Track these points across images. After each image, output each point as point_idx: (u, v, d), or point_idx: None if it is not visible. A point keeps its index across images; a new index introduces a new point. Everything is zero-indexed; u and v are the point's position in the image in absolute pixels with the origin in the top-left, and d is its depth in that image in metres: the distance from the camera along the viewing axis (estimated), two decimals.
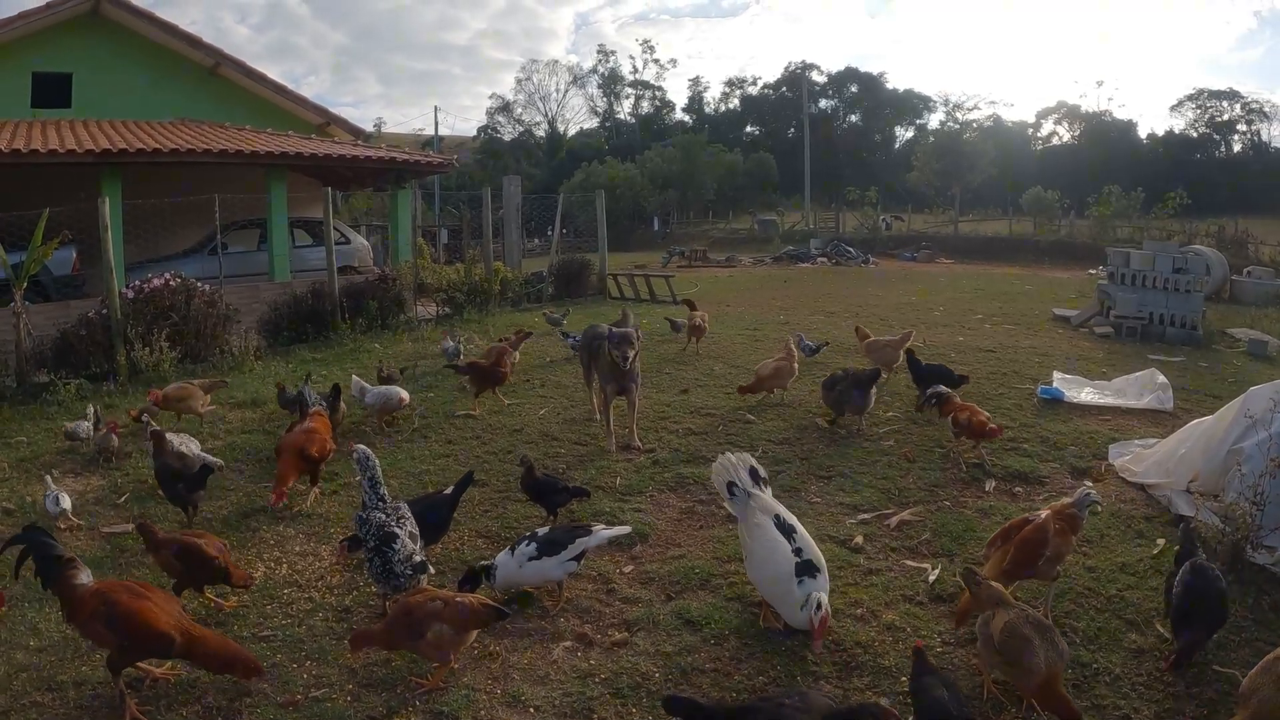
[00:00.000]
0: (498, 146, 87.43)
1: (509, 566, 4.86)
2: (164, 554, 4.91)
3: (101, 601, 4.12)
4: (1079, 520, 4.97)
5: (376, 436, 8.37)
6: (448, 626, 4.18)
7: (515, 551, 4.91)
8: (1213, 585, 4.33)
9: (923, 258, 37.38)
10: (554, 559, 4.90)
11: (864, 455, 7.64)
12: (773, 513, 4.83)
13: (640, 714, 4.05)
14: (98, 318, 11.20)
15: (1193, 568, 4.42)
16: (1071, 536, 4.92)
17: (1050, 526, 4.79)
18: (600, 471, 7.22)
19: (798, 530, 4.73)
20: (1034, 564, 4.74)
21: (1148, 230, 34.07)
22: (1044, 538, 4.74)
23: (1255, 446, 5.80)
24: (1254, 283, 21.52)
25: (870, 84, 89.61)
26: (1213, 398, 9.26)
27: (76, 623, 4.19)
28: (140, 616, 4.06)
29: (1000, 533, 5.07)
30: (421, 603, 4.27)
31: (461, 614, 4.21)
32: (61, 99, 19.02)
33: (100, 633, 4.11)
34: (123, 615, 4.06)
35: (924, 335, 13.51)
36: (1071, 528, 4.90)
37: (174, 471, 6.31)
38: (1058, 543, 4.76)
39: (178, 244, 17.51)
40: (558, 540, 4.96)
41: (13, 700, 4.18)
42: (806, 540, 4.69)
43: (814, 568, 4.50)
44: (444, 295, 16.37)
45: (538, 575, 4.92)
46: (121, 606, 4.09)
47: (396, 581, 4.71)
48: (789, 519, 4.81)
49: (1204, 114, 77.54)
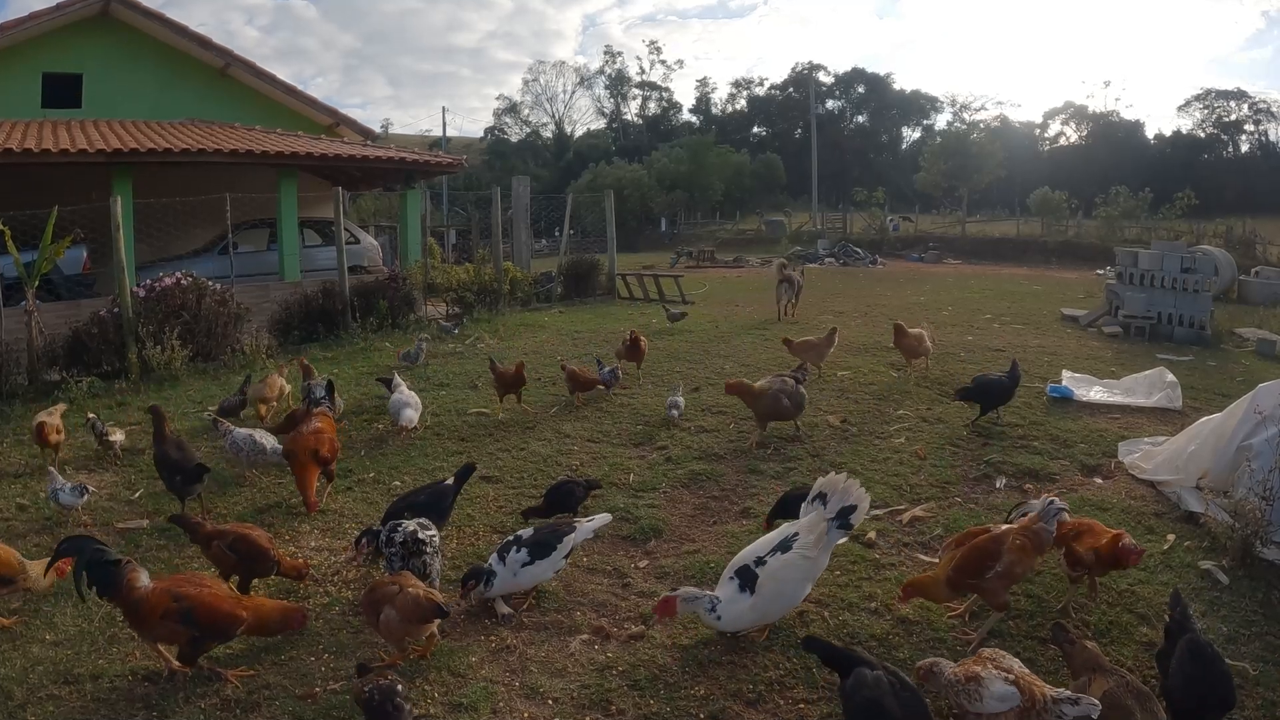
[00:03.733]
0: (505, 147, 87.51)
1: (504, 575, 4.80)
2: (216, 547, 4.92)
3: (173, 599, 4.16)
4: (1044, 538, 4.63)
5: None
6: (395, 613, 4.24)
7: (507, 560, 4.83)
8: (1217, 668, 3.71)
9: (930, 258, 37.33)
10: (547, 561, 4.91)
11: (875, 453, 7.66)
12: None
13: (658, 705, 4.07)
14: (109, 316, 11.26)
15: (1191, 651, 3.74)
16: (1034, 557, 4.65)
17: (1008, 540, 4.53)
18: (613, 468, 7.25)
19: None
20: (979, 574, 4.46)
21: (1156, 231, 34.00)
22: (997, 549, 4.49)
23: (1265, 443, 5.81)
24: (1262, 283, 21.48)
25: (877, 85, 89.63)
26: (1222, 396, 9.26)
27: (146, 626, 4.19)
28: (214, 605, 4.17)
29: (958, 537, 4.89)
30: (383, 584, 4.41)
31: (407, 604, 4.26)
32: (72, 99, 19.10)
33: (174, 630, 4.16)
34: (199, 608, 4.14)
35: (934, 335, 13.52)
36: (1035, 546, 4.59)
37: (172, 462, 6.35)
38: (1013, 559, 4.48)
39: (188, 244, 17.56)
40: (545, 542, 4.95)
41: (30, 693, 4.21)
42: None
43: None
44: (454, 295, 16.41)
45: (532, 580, 4.92)
46: (193, 600, 4.16)
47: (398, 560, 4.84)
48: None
49: (1211, 114, 77.36)
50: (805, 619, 4.79)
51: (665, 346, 12.64)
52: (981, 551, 4.52)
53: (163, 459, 6.41)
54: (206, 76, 20.77)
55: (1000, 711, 3.54)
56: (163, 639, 4.24)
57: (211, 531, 5.02)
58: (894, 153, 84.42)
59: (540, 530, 5.10)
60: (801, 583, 4.60)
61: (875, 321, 15.40)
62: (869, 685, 3.49)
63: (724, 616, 4.43)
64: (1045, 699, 3.48)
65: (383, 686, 3.67)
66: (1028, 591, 5.04)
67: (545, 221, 29.75)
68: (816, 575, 4.73)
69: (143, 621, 4.19)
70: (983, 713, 3.58)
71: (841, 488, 4.74)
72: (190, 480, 6.28)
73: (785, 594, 4.54)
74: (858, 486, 4.77)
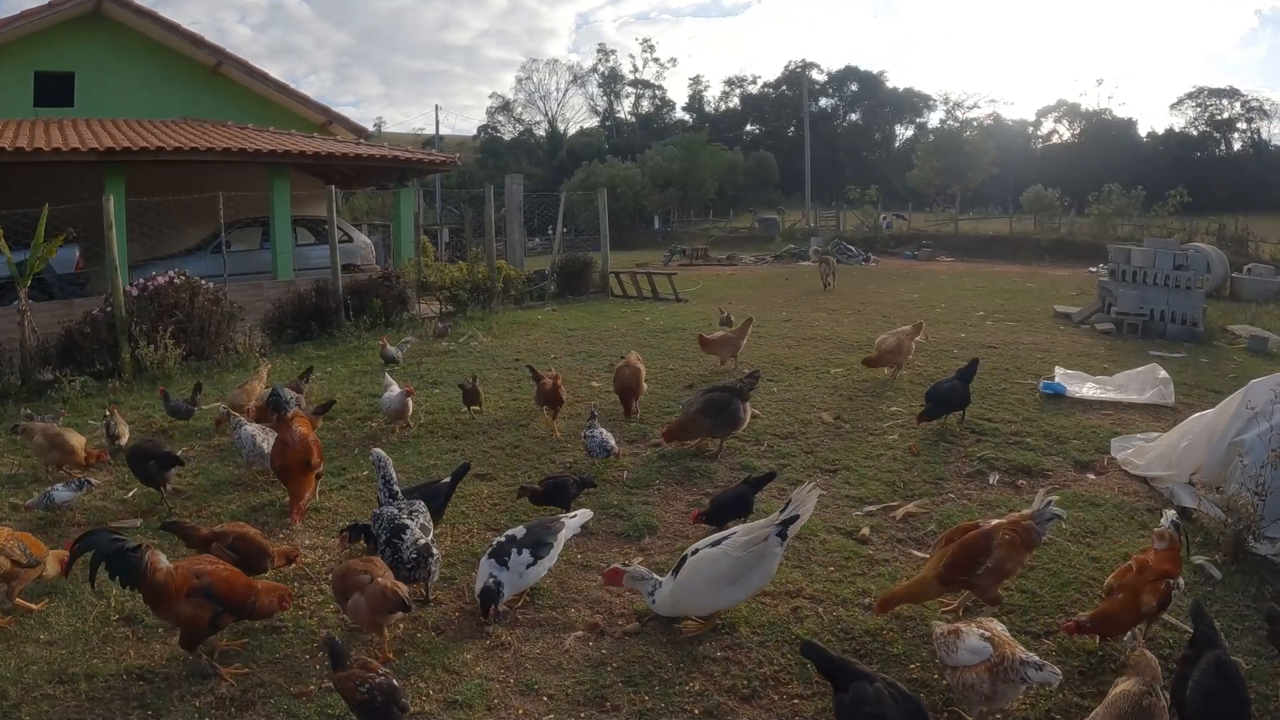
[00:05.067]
0: (498, 146, 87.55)
1: (512, 580, 4.74)
2: (216, 548, 4.92)
3: (196, 576, 4.27)
4: (1034, 535, 4.63)
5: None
6: (364, 601, 4.30)
7: (510, 564, 4.74)
8: (1238, 692, 3.55)
9: (923, 256, 37.41)
10: (547, 559, 4.92)
11: (868, 449, 7.68)
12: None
13: (653, 701, 4.08)
14: (102, 315, 11.22)
15: (1218, 667, 3.56)
16: (1024, 552, 4.65)
17: (998, 535, 4.54)
18: (607, 465, 7.25)
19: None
20: (970, 571, 4.49)
21: (1148, 228, 34.18)
22: (987, 545, 4.51)
23: (1256, 438, 5.85)
24: (1254, 280, 21.59)
25: (870, 83, 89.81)
26: (1214, 393, 9.30)
27: (170, 606, 4.26)
28: (230, 579, 4.33)
29: (948, 534, 4.85)
30: (354, 570, 4.46)
31: (374, 594, 4.31)
32: (64, 98, 19.05)
33: (198, 606, 4.24)
34: (218, 583, 4.28)
35: (927, 333, 13.54)
36: (1025, 542, 4.60)
37: (144, 451, 6.58)
38: (1003, 555, 4.50)
39: (181, 243, 17.55)
40: (543, 541, 4.93)
41: (24, 693, 4.20)
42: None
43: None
44: (447, 293, 16.40)
45: (535, 579, 4.90)
46: (212, 576, 4.29)
47: (406, 571, 4.76)
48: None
49: (1204, 112, 77.64)
50: (799, 614, 4.81)
51: (659, 342, 12.62)
52: (972, 548, 4.53)
53: (134, 452, 6.65)
54: (199, 75, 20.73)
55: (971, 664, 3.75)
56: (185, 618, 4.27)
57: (209, 534, 5.04)
58: (887, 151, 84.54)
59: (532, 529, 5.06)
60: (723, 582, 4.54)
61: (868, 319, 15.44)
62: (870, 701, 3.42)
63: (657, 599, 4.61)
64: (1014, 658, 3.68)
65: (382, 685, 3.67)
66: (1021, 587, 5.06)
67: (539, 220, 29.75)
68: (752, 581, 4.62)
69: (168, 602, 4.25)
70: (957, 665, 3.79)
71: (799, 499, 4.70)
72: (165, 464, 6.52)
73: (700, 590, 4.55)
74: (809, 496, 4.71)
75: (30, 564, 4.87)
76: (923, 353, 11.62)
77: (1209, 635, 3.74)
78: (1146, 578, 4.31)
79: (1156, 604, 4.27)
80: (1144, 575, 4.33)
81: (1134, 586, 4.31)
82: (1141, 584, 4.30)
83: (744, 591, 4.63)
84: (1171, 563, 4.40)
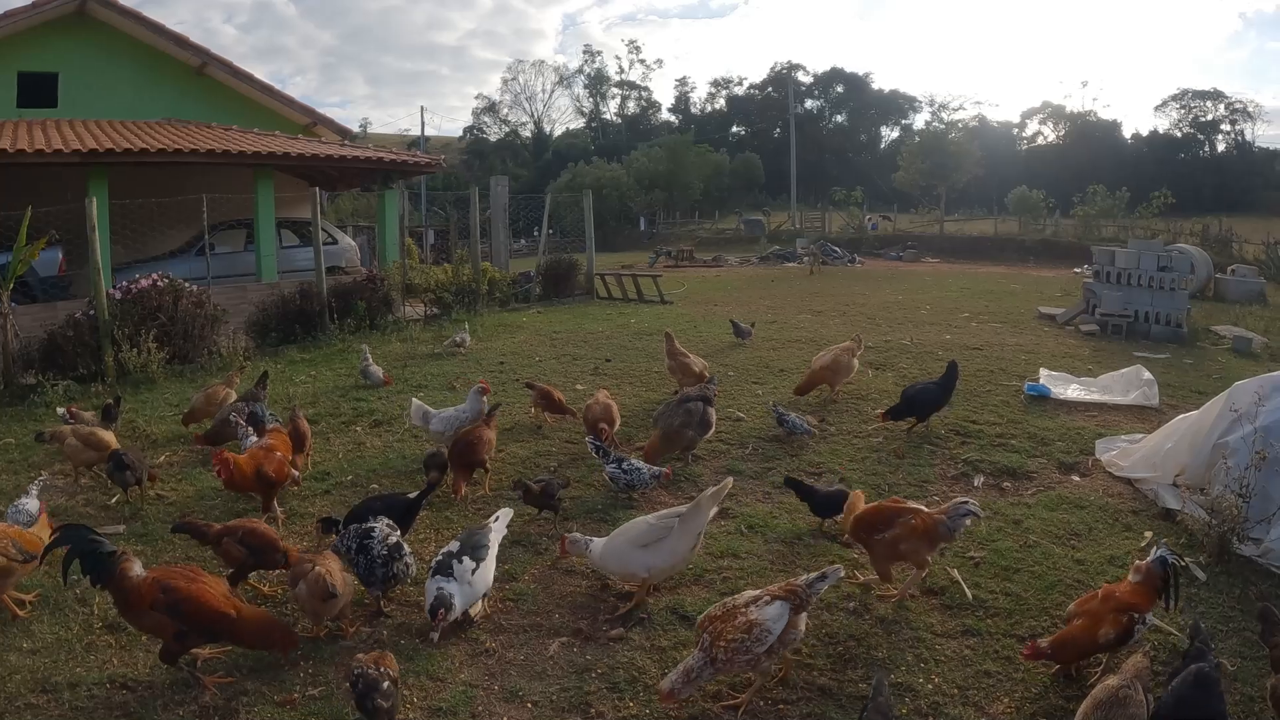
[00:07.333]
0: (484, 147, 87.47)
1: (462, 590, 4.63)
2: (227, 543, 4.95)
3: (160, 589, 4.16)
4: (941, 529, 4.88)
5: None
6: (305, 589, 4.46)
7: (456, 574, 4.62)
8: (1214, 706, 3.52)
9: (909, 257, 37.55)
10: (487, 561, 4.85)
11: (853, 452, 7.69)
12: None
13: (637, 707, 4.08)
14: (85, 318, 11.13)
15: (1196, 677, 3.56)
16: (926, 543, 4.88)
17: (904, 516, 4.91)
18: (591, 469, 7.22)
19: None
20: (870, 532, 4.97)
21: (1133, 229, 34.38)
22: (891, 518, 4.92)
23: (1240, 440, 5.88)
24: (1238, 281, 21.72)
25: (856, 84, 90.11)
26: (1198, 394, 9.34)
27: (133, 614, 4.23)
28: (200, 599, 4.16)
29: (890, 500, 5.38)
30: (304, 559, 4.66)
31: (311, 582, 4.42)
32: (47, 99, 18.92)
33: (161, 622, 4.16)
34: (184, 600, 4.15)
35: (911, 334, 13.59)
36: (928, 533, 4.85)
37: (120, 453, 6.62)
38: (900, 534, 4.86)
39: (165, 245, 17.46)
40: (479, 544, 4.86)
41: (7, 702, 4.17)
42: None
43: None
44: (432, 295, 16.35)
45: (485, 583, 4.84)
46: (182, 592, 4.16)
47: (380, 569, 4.83)
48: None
49: (1188, 114, 78.23)
50: None
51: (642, 344, 12.60)
52: (879, 513, 5.02)
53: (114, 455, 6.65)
54: (183, 75, 20.63)
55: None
56: (149, 629, 4.26)
57: (220, 530, 5.06)
58: (872, 152, 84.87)
59: (464, 540, 4.93)
60: (637, 545, 4.93)
61: (853, 321, 15.47)
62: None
63: (591, 550, 5.04)
64: (799, 585, 4.20)
65: (368, 676, 3.74)
66: (1005, 590, 5.07)
67: (524, 221, 29.70)
68: (660, 551, 4.91)
69: (131, 609, 4.21)
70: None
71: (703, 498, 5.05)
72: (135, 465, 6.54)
73: (618, 549, 4.97)
74: (718, 494, 5.07)
75: (25, 560, 4.85)
76: (907, 355, 11.66)
77: (1201, 651, 3.74)
78: (1109, 607, 4.15)
79: (1115, 636, 4.08)
80: (1106, 604, 4.17)
81: (1095, 615, 4.15)
82: (1103, 613, 4.13)
83: (653, 558, 4.91)
84: (1142, 597, 4.21)
